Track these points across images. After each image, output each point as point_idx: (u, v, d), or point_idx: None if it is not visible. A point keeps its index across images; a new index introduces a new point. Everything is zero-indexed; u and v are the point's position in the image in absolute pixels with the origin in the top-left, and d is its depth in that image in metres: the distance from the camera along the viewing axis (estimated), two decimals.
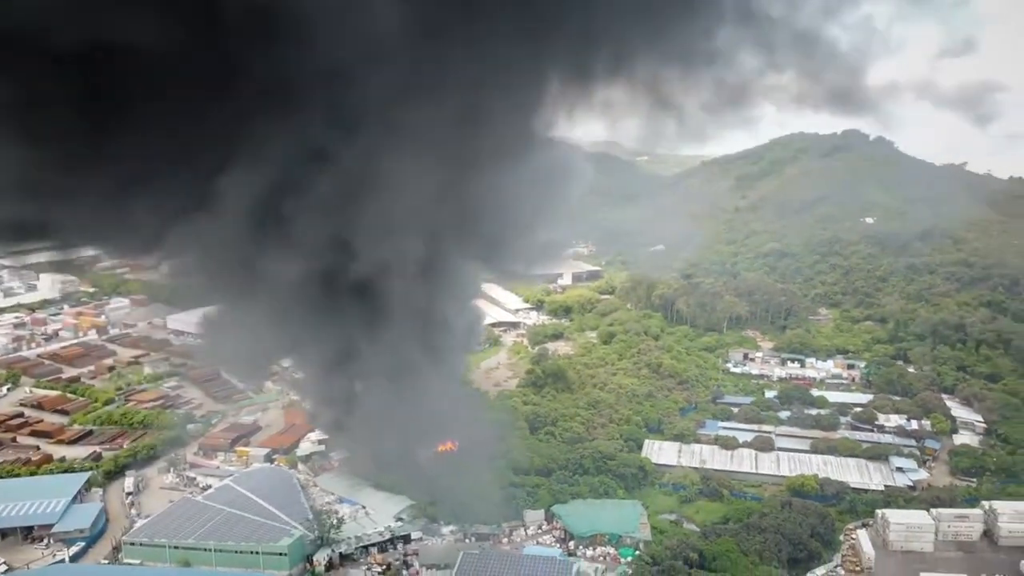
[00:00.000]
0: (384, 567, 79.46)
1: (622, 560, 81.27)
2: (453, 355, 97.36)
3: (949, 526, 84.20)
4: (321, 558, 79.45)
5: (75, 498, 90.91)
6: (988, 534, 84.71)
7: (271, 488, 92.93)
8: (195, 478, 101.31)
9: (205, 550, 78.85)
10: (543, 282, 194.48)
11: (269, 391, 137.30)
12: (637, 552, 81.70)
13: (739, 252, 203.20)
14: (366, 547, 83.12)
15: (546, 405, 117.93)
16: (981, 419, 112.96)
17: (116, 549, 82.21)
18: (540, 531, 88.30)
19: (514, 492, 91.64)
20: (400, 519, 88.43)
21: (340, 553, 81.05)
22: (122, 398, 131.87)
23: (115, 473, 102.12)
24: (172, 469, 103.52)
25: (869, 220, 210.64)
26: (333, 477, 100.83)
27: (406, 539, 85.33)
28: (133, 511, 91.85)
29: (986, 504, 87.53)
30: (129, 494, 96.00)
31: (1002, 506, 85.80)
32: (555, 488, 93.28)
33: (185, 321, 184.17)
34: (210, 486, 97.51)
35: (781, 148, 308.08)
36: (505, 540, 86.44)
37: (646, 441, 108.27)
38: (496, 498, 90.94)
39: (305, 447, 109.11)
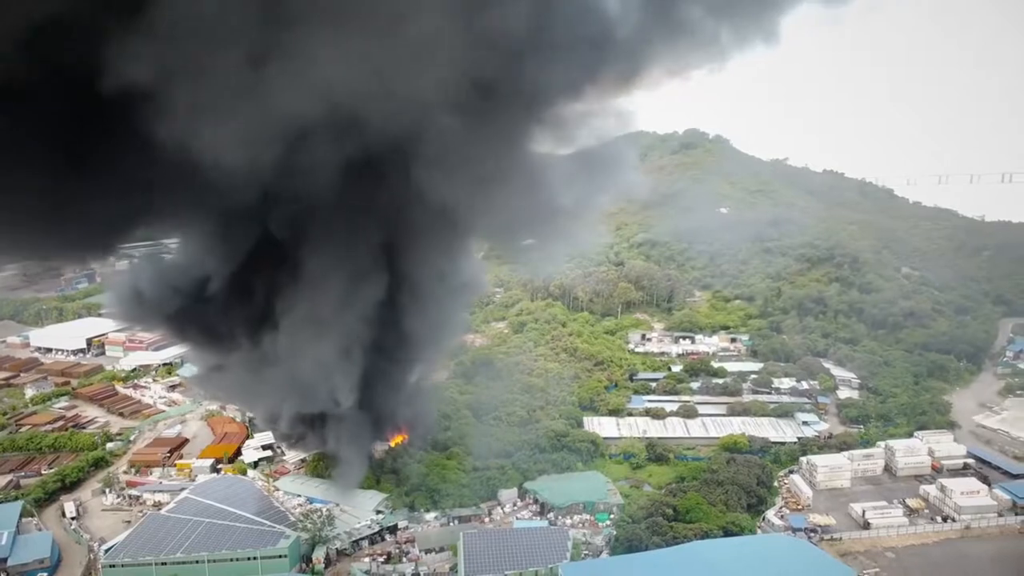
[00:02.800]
0: (385, 557, 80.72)
1: (600, 524, 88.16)
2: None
3: (859, 464, 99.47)
4: (320, 556, 79.30)
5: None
6: (888, 468, 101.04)
7: (236, 496, 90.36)
8: (139, 496, 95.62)
9: (197, 562, 76.01)
10: None
11: (181, 403, 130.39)
12: (611, 515, 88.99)
13: (615, 243, 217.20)
14: (357, 541, 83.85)
15: (482, 393, 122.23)
16: (855, 376, 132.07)
17: (89, 574, 76.83)
18: (515, 508, 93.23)
19: (486, 474, 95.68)
20: (380, 511, 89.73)
21: (336, 549, 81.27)
22: (12, 423, 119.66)
23: (45, 500, 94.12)
24: (108, 490, 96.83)
25: (723, 210, 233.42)
26: (292, 480, 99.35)
27: (392, 529, 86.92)
28: (86, 536, 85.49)
29: (882, 444, 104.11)
30: (73, 519, 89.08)
31: (896, 444, 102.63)
32: (522, 467, 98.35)
33: (53, 337, 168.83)
34: (160, 503, 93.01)
35: (626, 146, 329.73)
36: (487, 519, 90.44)
37: (585, 418, 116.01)
38: (466, 481, 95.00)
39: (250, 454, 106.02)
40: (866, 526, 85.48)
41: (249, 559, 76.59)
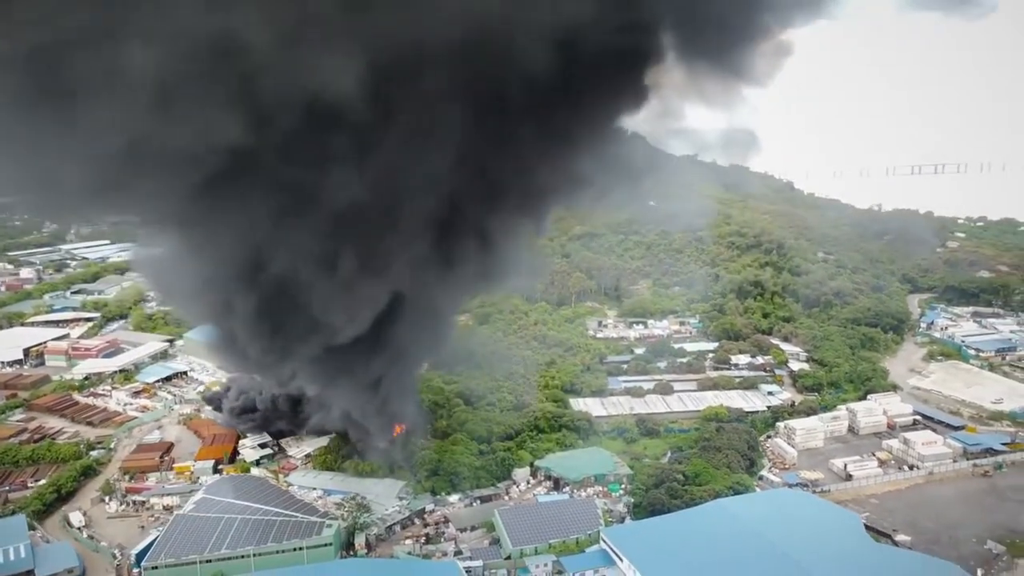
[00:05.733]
0: (424, 537, 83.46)
1: (613, 495, 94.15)
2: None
3: (828, 426, 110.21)
4: (361, 542, 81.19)
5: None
6: (851, 428, 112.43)
7: (256, 492, 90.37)
8: (146, 501, 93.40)
9: (242, 557, 76.14)
10: None
11: (152, 409, 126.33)
12: (623, 485, 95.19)
13: (554, 236, 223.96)
14: (390, 526, 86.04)
15: (468, 383, 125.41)
16: (801, 350, 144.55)
17: None
18: (530, 485, 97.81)
19: (498, 456, 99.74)
20: (402, 497, 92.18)
21: (375, 535, 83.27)
22: None
23: (43, 512, 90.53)
24: (109, 497, 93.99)
25: (652, 203, 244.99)
26: (303, 474, 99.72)
27: (420, 513, 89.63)
28: (103, 544, 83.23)
29: (843, 407, 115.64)
30: (83, 528, 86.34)
31: (856, 406, 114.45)
32: (528, 447, 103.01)
33: None
34: (170, 506, 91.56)
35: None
36: (506, 497, 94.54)
37: (571, 400, 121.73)
38: (479, 463, 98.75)
39: (249, 453, 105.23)
40: (848, 478, 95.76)
41: (295, 550, 77.53)
